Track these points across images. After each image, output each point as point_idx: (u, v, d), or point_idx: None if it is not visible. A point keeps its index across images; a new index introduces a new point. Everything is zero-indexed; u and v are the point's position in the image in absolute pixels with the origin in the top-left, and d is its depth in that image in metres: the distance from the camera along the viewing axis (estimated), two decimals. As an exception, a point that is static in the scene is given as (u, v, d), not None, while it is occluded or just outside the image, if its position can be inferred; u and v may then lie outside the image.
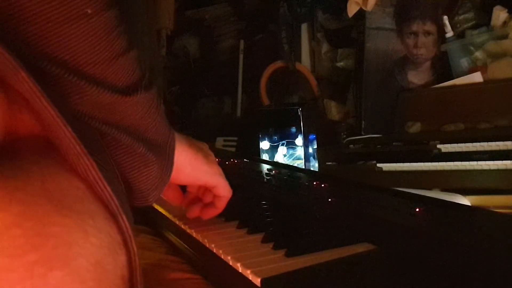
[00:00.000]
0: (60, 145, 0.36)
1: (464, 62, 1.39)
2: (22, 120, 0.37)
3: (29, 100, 0.35)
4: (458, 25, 1.42)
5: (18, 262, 0.30)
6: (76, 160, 0.35)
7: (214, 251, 0.57)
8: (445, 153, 1.21)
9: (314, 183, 0.84)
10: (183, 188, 0.68)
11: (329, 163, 1.42)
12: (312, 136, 1.51)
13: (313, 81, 1.79)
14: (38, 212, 0.32)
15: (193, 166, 0.57)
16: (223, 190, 0.64)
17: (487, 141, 1.16)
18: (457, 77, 1.38)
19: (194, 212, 0.66)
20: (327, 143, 1.56)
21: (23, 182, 0.32)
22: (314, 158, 1.50)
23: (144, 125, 0.46)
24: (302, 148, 1.47)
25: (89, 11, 0.38)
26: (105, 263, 0.34)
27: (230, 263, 0.52)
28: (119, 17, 0.41)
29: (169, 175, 0.51)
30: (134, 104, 0.44)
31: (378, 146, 1.39)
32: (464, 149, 1.19)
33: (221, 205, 0.66)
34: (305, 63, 1.83)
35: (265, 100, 1.90)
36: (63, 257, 0.31)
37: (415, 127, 1.38)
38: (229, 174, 1.03)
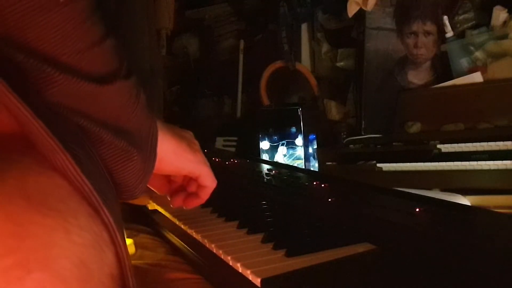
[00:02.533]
0: (36, 141, 0.35)
1: (464, 62, 1.39)
2: (0, 119, 0.36)
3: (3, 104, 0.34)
4: (458, 25, 1.42)
5: None
6: (52, 156, 0.34)
7: (214, 251, 0.57)
8: (445, 153, 1.21)
9: (314, 183, 0.84)
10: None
11: (329, 163, 1.42)
12: (312, 136, 1.51)
13: (313, 81, 1.79)
14: (14, 213, 0.30)
15: (176, 155, 0.55)
16: (207, 179, 0.61)
17: (487, 141, 1.16)
18: (457, 77, 1.38)
19: (178, 201, 0.64)
20: (327, 143, 1.56)
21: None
22: (314, 158, 1.50)
23: (124, 115, 0.44)
24: (302, 148, 1.48)
25: (61, 0, 0.37)
26: (89, 262, 0.33)
27: (230, 263, 0.53)
28: (93, 6, 0.41)
29: (153, 167, 0.49)
30: (113, 93, 0.42)
31: (378, 146, 1.39)
32: (464, 149, 1.18)
33: (205, 195, 0.63)
34: (305, 63, 1.83)
35: (265, 100, 1.90)
36: (42, 259, 0.30)
37: (415, 127, 1.38)
38: (229, 174, 1.03)
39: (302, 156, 1.48)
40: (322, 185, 0.82)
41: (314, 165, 1.50)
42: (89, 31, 0.40)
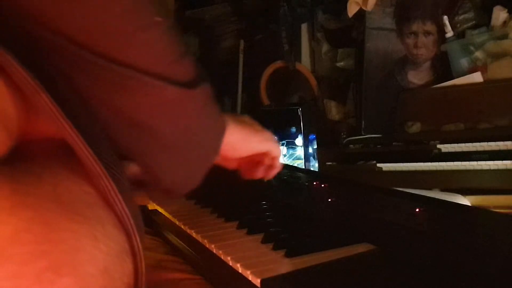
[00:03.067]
0: (81, 163, 0.36)
1: (464, 62, 1.38)
2: (38, 123, 0.37)
3: (48, 118, 0.35)
4: (458, 25, 1.42)
5: (27, 268, 0.30)
6: (95, 179, 0.36)
7: (214, 251, 0.57)
8: (445, 153, 1.21)
9: (314, 183, 0.84)
10: None
11: (329, 163, 1.42)
12: (312, 136, 1.51)
13: (313, 81, 1.79)
14: (47, 217, 0.32)
15: (245, 140, 0.62)
16: (276, 151, 0.70)
17: (487, 141, 1.15)
18: (457, 77, 1.37)
19: (260, 174, 0.71)
20: (327, 143, 1.56)
21: (34, 186, 0.33)
22: (314, 158, 1.50)
23: (204, 116, 0.49)
24: (302, 148, 1.47)
25: (159, 19, 0.41)
26: (112, 271, 0.34)
27: (230, 264, 0.53)
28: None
29: (211, 163, 0.53)
30: (197, 95, 0.46)
31: (378, 146, 1.39)
32: (464, 149, 1.18)
33: (277, 164, 0.72)
34: (305, 63, 1.83)
35: (265, 100, 1.90)
36: (72, 263, 0.32)
37: (415, 127, 1.38)
38: (229, 174, 1.03)
39: (302, 156, 1.48)
40: (322, 185, 0.82)
41: (314, 165, 1.49)
42: (178, 43, 0.44)
